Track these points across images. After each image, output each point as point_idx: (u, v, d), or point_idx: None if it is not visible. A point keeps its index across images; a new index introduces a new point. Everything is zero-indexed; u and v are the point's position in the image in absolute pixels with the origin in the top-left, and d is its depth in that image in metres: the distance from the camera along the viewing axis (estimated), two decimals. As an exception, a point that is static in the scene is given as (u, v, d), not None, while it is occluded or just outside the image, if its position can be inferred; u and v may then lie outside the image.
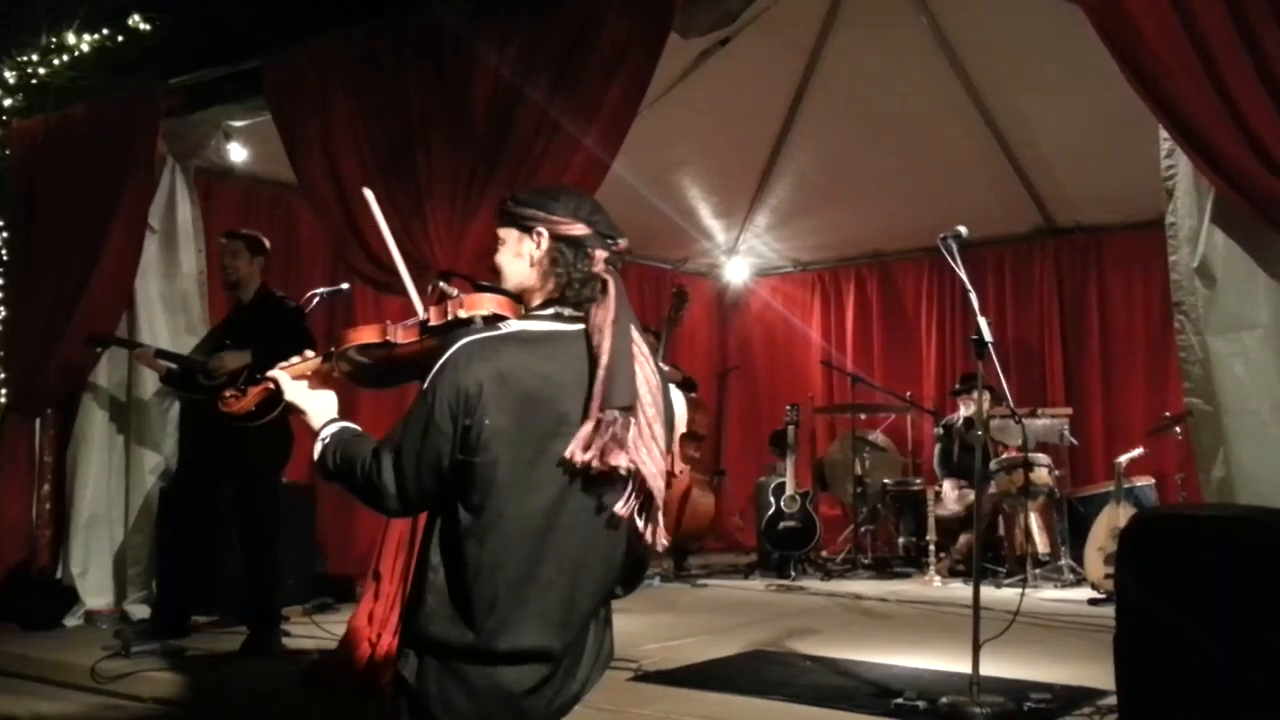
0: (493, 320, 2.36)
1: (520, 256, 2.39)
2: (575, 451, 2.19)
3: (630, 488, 2.25)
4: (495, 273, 2.46)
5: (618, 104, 4.71)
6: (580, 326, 2.31)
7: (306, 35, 5.68)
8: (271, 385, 2.49)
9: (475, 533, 2.21)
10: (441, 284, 2.46)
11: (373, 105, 5.25)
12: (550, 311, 2.35)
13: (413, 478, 2.23)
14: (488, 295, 2.41)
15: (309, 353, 2.54)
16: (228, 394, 2.64)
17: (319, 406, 2.46)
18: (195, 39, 6.60)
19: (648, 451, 2.25)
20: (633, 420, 2.22)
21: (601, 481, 2.23)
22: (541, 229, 2.37)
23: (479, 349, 2.23)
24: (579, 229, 2.37)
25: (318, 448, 2.37)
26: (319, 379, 2.51)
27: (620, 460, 2.20)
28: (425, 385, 2.24)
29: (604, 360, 2.23)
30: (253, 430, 5.22)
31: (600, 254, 2.36)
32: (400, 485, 2.24)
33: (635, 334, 2.31)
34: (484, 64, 4.86)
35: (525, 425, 2.21)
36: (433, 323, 2.39)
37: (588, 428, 2.20)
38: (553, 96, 4.69)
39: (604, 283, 2.34)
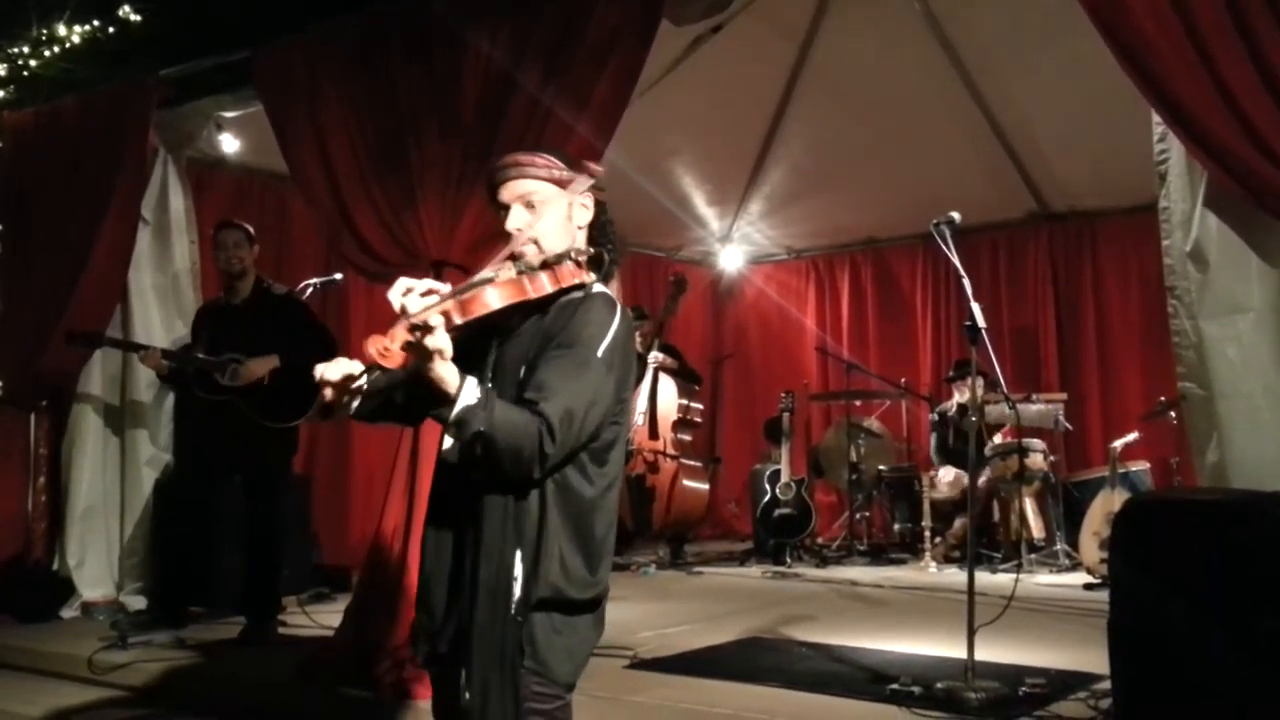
0: (580, 288, 2.25)
1: (571, 220, 2.29)
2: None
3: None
4: (506, 236, 2.26)
5: (610, 92, 4.69)
6: None
7: (297, 25, 5.65)
8: (426, 331, 1.94)
9: (608, 489, 2.25)
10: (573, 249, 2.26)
11: (364, 95, 5.22)
12: (596, 277, 2.31)
13: (571, 443, 2.10)
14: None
15: (431, 283, 2.09)
16: (382, 346, 1.93)
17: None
18: (186, 29, 6.57)
19: None
20: None
21: None
22: (589, 194, 2.30)
23: (626, 317, 2.24)
24: (602, 196, 2.35)
25: (467, 405, 1.99)
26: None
27: None
28: (601, 352, 2.12)
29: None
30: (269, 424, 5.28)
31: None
32: (559, 449, 2.07)
33: None
34: (475, 53, 4.84)
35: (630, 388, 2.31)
36: (565, 284, 2.20)
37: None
38: (544, 85, 4.67)
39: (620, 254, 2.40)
